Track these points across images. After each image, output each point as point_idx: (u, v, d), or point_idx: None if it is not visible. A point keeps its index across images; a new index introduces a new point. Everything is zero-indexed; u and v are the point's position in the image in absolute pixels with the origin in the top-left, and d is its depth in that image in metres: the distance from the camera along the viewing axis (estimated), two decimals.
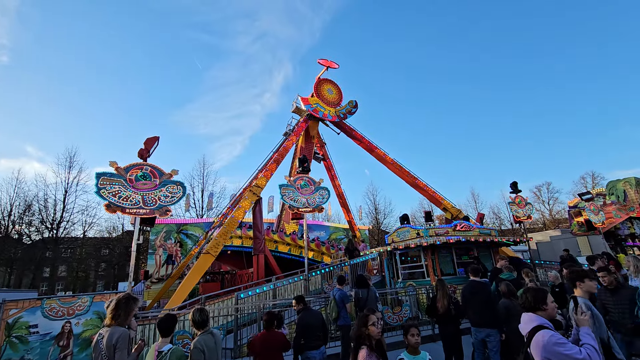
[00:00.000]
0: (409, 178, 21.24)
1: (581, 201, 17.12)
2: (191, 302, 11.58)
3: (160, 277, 21.84)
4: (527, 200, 14.92)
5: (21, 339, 6.17)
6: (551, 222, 41.46)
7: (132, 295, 3.76)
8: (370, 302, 6.98)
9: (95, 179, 7.08)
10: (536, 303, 2.87)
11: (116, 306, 3.50)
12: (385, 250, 12.34)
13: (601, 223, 15.71)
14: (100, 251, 41.13)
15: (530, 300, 2.92)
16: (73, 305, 6.80)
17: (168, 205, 7.81)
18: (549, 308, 2.86)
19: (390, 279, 12.50)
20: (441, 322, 6.35)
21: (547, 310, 2.85)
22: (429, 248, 10.77)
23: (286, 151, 18.86)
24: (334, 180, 25.30)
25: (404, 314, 8.80)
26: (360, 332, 3.38)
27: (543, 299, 2.88)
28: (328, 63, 22.55)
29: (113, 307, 3.50)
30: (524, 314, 2.91)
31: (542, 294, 2.94)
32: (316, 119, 21.50)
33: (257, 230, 16.34)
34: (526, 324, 2.79)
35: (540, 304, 2.86)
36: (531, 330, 2.68)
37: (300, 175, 11.46)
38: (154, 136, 8.32)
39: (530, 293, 2.99)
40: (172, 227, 23.74)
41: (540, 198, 44.44)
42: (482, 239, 11.19)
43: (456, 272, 10.92)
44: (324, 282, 12.74)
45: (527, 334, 2.71)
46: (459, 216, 18.11)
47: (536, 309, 2.86)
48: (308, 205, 11.08)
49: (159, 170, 7.88)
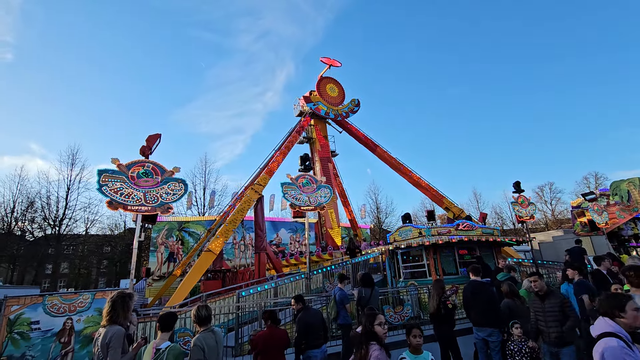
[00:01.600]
0: (411, 177, 21.19)
1: (584, 201, 17.03)
2: (192, 300, 11.61)
3: (161, 275, 21.89)
4: (529, 200, 14.84)
5: (23, 335, 6.17)
6: (553, 222, 41.31)
7: (126, 291, 3.74)
8: (372, 301, 6.96)
9: (97, 176, 7.06)
10: (611, 309, 2.72)
11: (112, 306, 3.48)
12: (386, 250, 12.31)
13: (604, 223, 15.62)
14: (102, 248, 41.29)
15: (605, 305, 2.79)
16: (75, 302, 6.80)
17: (170, 203, 7.79)
18: (627, 317, 2.66)
19: (391, 278, 12.47)
20: (434, 321, 6.35)
21: (625, 318, 2.66)
22: (431, 247, 10.73)
23: (288, 150, 18.84)
24: (336, 179, 25.27)
25: (405, 314, 8.77)
26: (368, 329, 3.38)
27: (620, 306, 2.71)
28: (330, 61, 22.48)
29: (109, 308, 3.47)
30: (599, 318, 2.78)
31: (619, 301, 2.77)
32: (319, 117, 21.48)
33: (258, 228, 16.34)
34: (597, 329, 2.69)
35: (617, 310, 2.70)
36: (599, 335, 2.60)
37: (302, 174, 11.43)
38: (156, 133, 8.29)
39: (606, 298, 2.87)
40: (174, 225, 23.78)
41: (542, 198, 44.33)
42: (484, 238, 11.14)
43: (458, 271, 10.87)
44: (326, 280, 12.72)
45: (595, 337, 2.63)
46: (461, 216, 18.07)
47: (613, 315, 2.70)
48: (310, 204, 11.05)
49: (161, 167, 7.86)
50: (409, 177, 21.33)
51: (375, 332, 3.34)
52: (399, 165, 21.41)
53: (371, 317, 3.48)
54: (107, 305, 3.50)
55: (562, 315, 4.79)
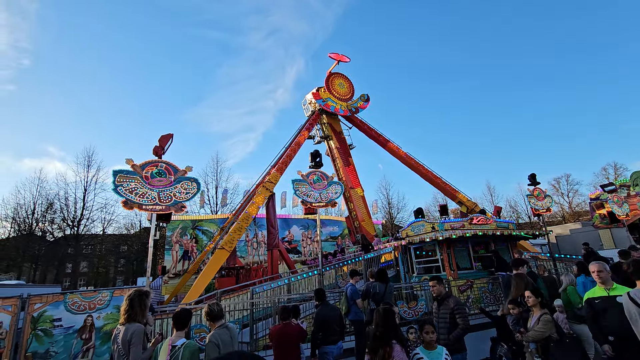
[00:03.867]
0: (423, 171, 20.96)
1: (603, 193, 16.53)
2: (207, 297, 11.77)
3: (177, 272, 22.27)
4: (546, 192, 14.50)
5: (46, 332, 6.37)
6: (571, 215, 40.32)
7: (143, 290, 3.80)
8: (387, 297, 6.93)
9: (112, 176, 7.20)
10: None
11: (130, 304, 3.54)
12: (399, 245, 12.23)
13: (625, 215, 15.14)
14: (119, 247, 42.28)
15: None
16: (94, 299, 6.97)
17: (183, 202, 7.90)
18: None
19: (405, 274, 12.39)
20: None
21: None
22: (444, 242, 10.61)
23: (298, 146, 18.85)
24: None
25: (419, 309, 8.72)
26: (387, 328, 3.36)
27: None
28: (339, 57, 22.33)
29: (127, 306, 3.54)
30: None
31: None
32: (328, 113, 21.40)
33: (270, 225, 16.44)
34: None
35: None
36: None
37: (313, 170, 11.43)
38: (168, 134, 8.40)
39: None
40: (188, 224, 24.12)
41: (559, 190, 43.29)
42: (499, 232, 10.95)
43: (473, 266, 10.74)
44: (339, 276, 12.74)
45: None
46: (475, 210, 17.80)
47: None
48: (321, 200, 11.05)
49: (174, 167, 7.97)
50: (420, 172, 21.10)
51: (397, 331, 3.35)
52: (410, 160, 21.19)
53: (389, 314, 3.45)
54: (125, 303, 3.57)
55: (452, 322, 4.65)
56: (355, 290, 7.16)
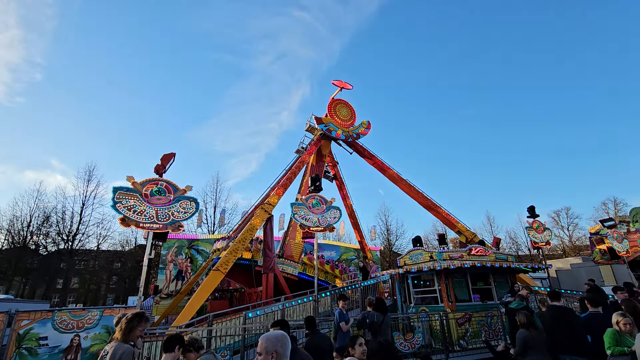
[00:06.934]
0: (422, 199, 20.94)
1: (603, 228, 16.48)
2: (199, 320, 11.45)
3: (169, 293, 21.82)
4: (545, 225, 14.45)
5: (30, 351, 6.18)
6: (571, 249, 39.90)
7: (145, 314, 3.73)
8: (384, 328, 6.74)
9: (112, 192, 7.23)
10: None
11: (128, 325, 3.49)
12: (397, 273, 12.05)
13: (625, 251, 15.01)
14: (112, 264, 41.61)
15: None
16: (83, 318, 6.82)
17: (181, 221, 7.89)
18: None
19: (402, 303, 12.13)
20: None
21: None
22: (442, 272, 10.46)
23: (299, 169, 18.97)
24: (346, 200, 25.15)
25: (416, 341, 8.47)
26: None
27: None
28: (342, 84, 22.92)
29: (124, 326, 3.47)
30: None
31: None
32: (329, 138, 21.68)
33: (267, 248, 16.23)
34: None
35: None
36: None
37: (312, 194, 11.46)
38: (171, 152, 8.53)
39: None
40: (184, 243, 23.89)
41: (559, 223, 43.07)
42: (498, 264, 10.82)
43: (471, 298, 10.53)
44: (334, 303, 12.45)
45: None
46: (474, 240, 17.63)
47: None
48: (319, 224, 11.01)
49: (174, 185, 8.02)
50: (420, 199, 21.08)
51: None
52: (410, 187, 21.25)
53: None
54: (123, 323, 3.49)
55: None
56: (341, 313, 6.96)
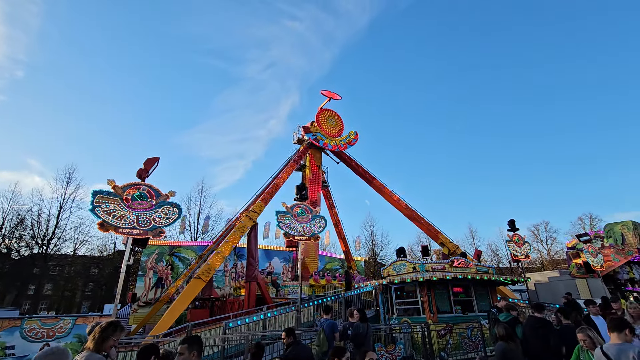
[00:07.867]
0: (407, 211, 21.18)
1: (579, 242, 17.00)
2: (177, 330, 11.15)
3: (148, 301, 21.15)
4: (525, 238, 14.80)
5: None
6: (549, 263, 40.89)
7: (120, 323, 3.60)
8: (368, 337, 6.72)
9: (91, 196, 7.04)
10: None
11: (102, 334, 3.35)
12: (380, 284, 12.07)
13: (600, 266, 15.51)
14: (89, 270, 40.11)
15: None
16: (54, 326, 6.54)
17: (162, 227, 7.73)
18: None
19: (384, 314, 12.13)
20: None
21: None
22: (425, 283, 10.54)
23: (285, 177, 18.94)
24: (332, 209, 25.22)
25: (397, 353, 8.47)
26: None
27: None
28: (331, 94, 23.16)
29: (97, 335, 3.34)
30: None
31: None
32: (317, 147, 21.79)
33: (250, 256, 16.04)
34: None
35: None
36: None
37: (298, 203, 11.44)
38: (154, 157, 8.39)
39: None
40: (165, 249, 23.32)
41: (538, 237, 44.16)
42: (479, 276, 10.99)
43: (452, 309, 10.62)
44: (317, 314, 12.34)
45: None
46: (456, 252, 17.89)
47: None
48: (304, 234, 10.97)
49: (157, 190, 7.87)
50: (404, 210, 21.33)
51: None
52: (395, 198, 21.49)
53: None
54: (96, 332, 3.36)
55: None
56: (334, 324, 6.93)
